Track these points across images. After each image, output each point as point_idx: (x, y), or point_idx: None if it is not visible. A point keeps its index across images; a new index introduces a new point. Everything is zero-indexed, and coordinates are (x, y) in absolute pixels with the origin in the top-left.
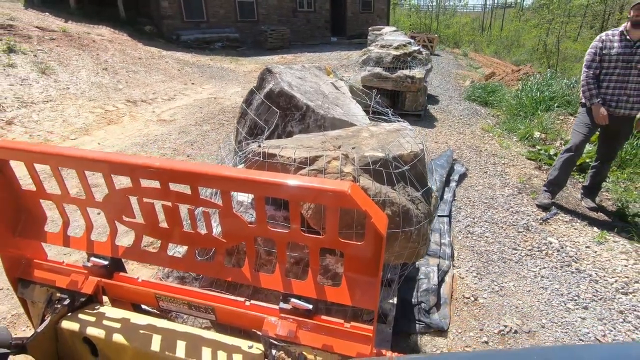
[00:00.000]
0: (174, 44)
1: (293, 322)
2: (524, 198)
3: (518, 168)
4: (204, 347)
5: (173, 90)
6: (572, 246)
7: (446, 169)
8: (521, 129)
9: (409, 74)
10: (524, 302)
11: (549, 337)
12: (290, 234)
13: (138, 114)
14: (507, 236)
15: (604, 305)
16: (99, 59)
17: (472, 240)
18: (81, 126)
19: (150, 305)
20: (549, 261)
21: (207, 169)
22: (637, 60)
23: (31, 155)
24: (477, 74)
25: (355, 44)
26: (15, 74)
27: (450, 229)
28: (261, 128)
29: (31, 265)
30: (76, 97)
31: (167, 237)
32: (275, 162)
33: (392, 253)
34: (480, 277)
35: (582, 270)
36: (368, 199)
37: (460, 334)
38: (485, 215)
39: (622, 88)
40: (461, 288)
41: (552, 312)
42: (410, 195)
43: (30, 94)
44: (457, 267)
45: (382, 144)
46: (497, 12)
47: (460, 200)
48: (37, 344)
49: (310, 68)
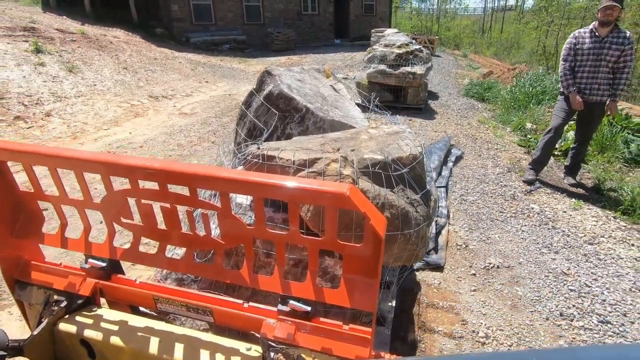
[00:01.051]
0: (184, 46)
1: (291, 324)
2: (512, 175)
3: (509, 153)
4: (201, 349)
5: (189, 87)
6: (550, 211)
7: (444, 151)
8: (514, 120)
9: (410, 70)
10: (506, 247)
11: (524, 270)
12: (289, 236)
13: (161, 108)
14: (496, 203)
15: (572, 250)
16: (118, 59)
17: (465, 205)
18: (111, 118)
19: (148, 307)
20: (530, 221)
21: (205, 170)
22: (605, 54)
23: (29, 157)
24: (476, 73)
25: (358, 45)
26: (46, 72)
27: (447, 196)
28: (260, 130)
29: (29, 266)
30: (103, 92)
31: (165, 239)
32: (274, 164)
33: (390, 255)
34: (471, 231)
35: (557, 227)
36: (367, 201)
37: (453, 270)
38: (477, 188)
39: (593, 78)
40: (455, 239)
41: (528, 254)
42: (409, 197)
43: (63, 89)
44: (452, 224)
45: (381, 147)
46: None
47: (456, 176)
48: (34, 346)
49: (310, 70)
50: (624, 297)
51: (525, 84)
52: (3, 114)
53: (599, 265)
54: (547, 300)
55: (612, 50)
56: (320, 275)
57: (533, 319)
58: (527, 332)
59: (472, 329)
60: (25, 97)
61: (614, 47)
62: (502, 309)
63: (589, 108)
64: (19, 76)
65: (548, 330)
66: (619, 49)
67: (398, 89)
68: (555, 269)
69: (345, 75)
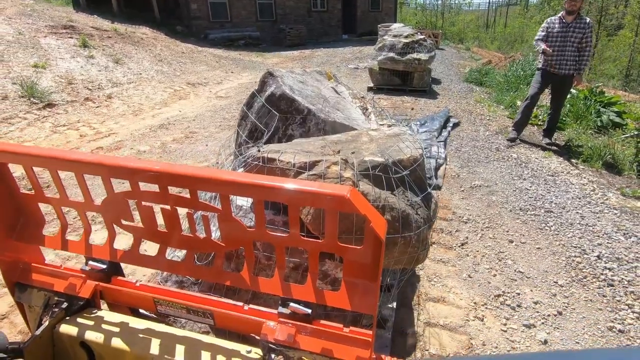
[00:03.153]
0: (203, 42)
1: (292, 327)
2: (499, 137)
3: (499, 122)
4: (202, 351)
5: (218, 77)
6: (525, 158)
7: (444, 119)
8: (507, 99)
9: (416, 57)
10: (487, 176)
11: (499, 187)
12: (290, 238)
13: (199, 92)
14: (483, 152)
15: (536, 179)
16: (152, 52)
17: (459, 153)
18: (160, 100)
19: (149, 309)
20: (508, 163)
21: (206, 172)
22: (570, 36)
23: (29, 159)
24: (477, 64)
25: (365, 40)
26: (97, 63)
27: (445, 148)
28: (262, 131)
29: (29, 269)
30: (149, 80)
31: (166, 241)
32: (275, 167)
33: (391, 258)
34: (462, 167)
35: (528, 167)
36: (367, 203)
37: (448, 189)
38: (469, 144)
39: (562, 55)
40: (449, 172)
41: (503, 180)
42: (410, 200)
43: (116, 77)
44: (448, 164)
45: (382, 149)
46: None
47: (453, 137)
48: (34, 349)
49: (312, 72)
50: (566, 201)
51: (517, 69)
52: (75, 96)
53: (554, 186)
54: (512, 202)
55: (576, 33)
56: (320, 278)
57: (501, 211)
58: (496, 218)
59: (459, 215)
60: (88, 83)
61: (577, 31)
62: (480, 207)
63: (559, 80)
64: (77, 66)
65: (510, 216)
66: (581, 32)
67: (405, 74)
68: (521, 186)
69: (356, 66)
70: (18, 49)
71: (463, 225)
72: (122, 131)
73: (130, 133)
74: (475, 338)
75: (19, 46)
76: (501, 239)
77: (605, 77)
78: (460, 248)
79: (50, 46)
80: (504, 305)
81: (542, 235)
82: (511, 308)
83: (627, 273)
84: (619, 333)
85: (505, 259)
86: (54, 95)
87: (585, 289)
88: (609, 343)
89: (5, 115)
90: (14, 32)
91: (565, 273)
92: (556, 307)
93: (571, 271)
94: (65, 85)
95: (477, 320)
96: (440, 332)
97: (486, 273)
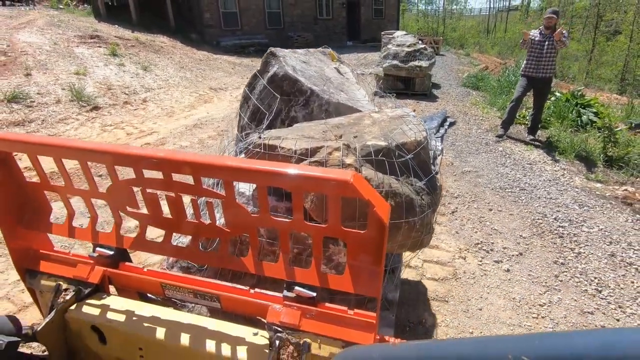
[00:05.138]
0: (216, 48)
1: (297, 310)
2: (489, 134)
3: (490, 122)
4: (209, 334)
5: (236, 82)
6: (509, 151)
7: (442, 118)
8: (499, 102)
9: (417, 64)
10: (476, 164)
11: (484, 172)
12: (293, 223)
13: (221, 96)
14: (474, 146)
15: (516, 166)
16: (173, 60)
17: (454, 147)
18: (188, 103)
19: (156, 294)
20: (494, 154)
21: (209, 159)
22: (548, 45)
23: (34, 147)
24: (476, 69)
25: (369, 46)
26: (127, 70)
27: (442, 142)
28: (264, 113)
29: (38, 256)
30: (175, 85)
31: (171, 227)
32: (276, 153)
33: (395, 243)
34: (455, 157)
35: (511, 157)
36: (370, 187)
37: (443, 174)
38: (463, 139)
39: (539, 61)
40: (445, 161)
41: (489, 167)
42: (414, 185)
43: (147, 83)
44: (444, 155)
45: (385, 132)
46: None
47: (448, 134)
48: (47, 333)
49: (315, 52)
50: (538, 182)
51: (509, 74)
52: (115, 100)
53: (530, 171)
54: (494, 183)
55: (552, 42)
56: (324, 263)
57: (484, 189)
58: (480, 194)
59: (451, 192)
60: (124, 88)
61: (552, 39)
62: (468, 186)
63: (539, 83)
64: (112, 73)
65: (491, 193)
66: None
67: (408, 79)
68: (503, 172)
69: (362, 71)
70: (57, 58)
71: (454, 200)
72: (162, 130)
73: (169, 131)
74: (459, 269)
75: (58, 55)
76: (483, 209)
77: (602, 81)
78: (451, 215)
79: (84, 55)
80: (480, 250)
81: (515, 206)
82: (486, 251)
83: (574, 229)
84: (560, 265)
85: (485, 222)
86: (98, 99)
87: (541, 239)
88: (552, 271)
89: (61, 116)
90: (50, 42)
91: (529, 230)
92: (518, 250)
93: (533, 228)
94: (105, 91)
95: (461, 259)
96: (434, 266)
97: (470, 231)
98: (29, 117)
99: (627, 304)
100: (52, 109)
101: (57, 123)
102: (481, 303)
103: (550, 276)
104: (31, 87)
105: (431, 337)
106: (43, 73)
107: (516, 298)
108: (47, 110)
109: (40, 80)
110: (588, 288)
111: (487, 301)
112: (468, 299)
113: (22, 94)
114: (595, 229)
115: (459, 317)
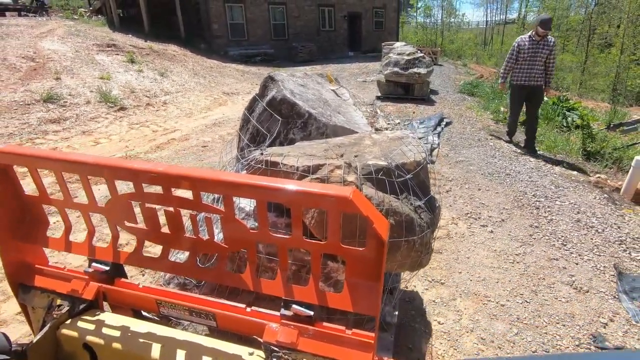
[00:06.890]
0: (224, 58)
1: (294, 329)
2: (481, 132)
3: (483, 122)
4: (204, 353)
5: (247, 88)
6: (499, 146)
7: (439, 119)
8: (492, 106)
9: (416, 71)
10: (469, 155)
11: (476, 162)
12: (292, 240)
13: (234, 100)
14: (467, 141)
15: (504, 158)
16: (186, 67)
17: (449, 142)
18: (204, 106)
19: (151, 311)
20: (486, 149)
21: (209, 174)
22: (540, 52)
23: (35, 161)
24: (472, 78)
25: (370, 57)
26: (146, 76)
27: (439, 138)
28: (263, 135)
29: (32, 270)
30: (191, 90)
31: (169, 243)
32: (278, 170)
33: (394, 262)
34: (450, 150)
35: (500, 150)
36: (370, 204)
37: (440, 163)
38: (458, 136)
39: (531, 69)
40: (441, 153)
41: (480, 158)
42: (414, 204)
43: (166, 87)
44: (440, 149)
45: (385, 152)
46: (499, 28)
47: (445, 132)
48: (37, 350)
49: (312, 76)
50: (523, 169)
51: None
52: (138, 102)
53: (516, 161)
54: (483, 169)
55: (545, 50)
56: (323, 280)
57: (475, 175)
58: (471, 178)
59: (447, 177)
60: (146, 91)
61: (545, 48)
62: (461, 172)
63: (531, 91)
64: (132, 78)
65: (481, 177)
66: (548, 49)
67: (407, 85)
68: (492, 161)
69: (364, 79)
70: (81, 64)
71: (448, 182)
72: (184, 128)
73: (191, 129)
74: (452, 231)
75: (81, 62)
76: (473, 189)
77: (595, 91)
78: (446, 193)
79: (104, 62)
80: (470, 218)
81: (500, 186)
82: (474, 219)
83: (549, 203)
84: (535, 227)
85: (474, 198)
86: (123, 101)
87: (521, 210)
88: (527, 232)
89: (92, 115)
90: (72, 50)
91: (511, 203)
92: (501, 218)
93: (515, 202)
94: (129, 93)
95: (453, 224)
96: None
97: (461, 204)
98: (63, 115)
99: (585, 254)
100: (84, 109)
101: (89, 121)
102: (469, 253)
103: (526, 235)
104: (62, 89)
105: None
106: (71, 77)
107: (497, 250)
108: (80, 110)
109: (69, 84)
110: (556, 243)
111: (474, 252)
112: (458, 251)
113: (55, 95)
114: (566, 203)
115: (450, 262)
